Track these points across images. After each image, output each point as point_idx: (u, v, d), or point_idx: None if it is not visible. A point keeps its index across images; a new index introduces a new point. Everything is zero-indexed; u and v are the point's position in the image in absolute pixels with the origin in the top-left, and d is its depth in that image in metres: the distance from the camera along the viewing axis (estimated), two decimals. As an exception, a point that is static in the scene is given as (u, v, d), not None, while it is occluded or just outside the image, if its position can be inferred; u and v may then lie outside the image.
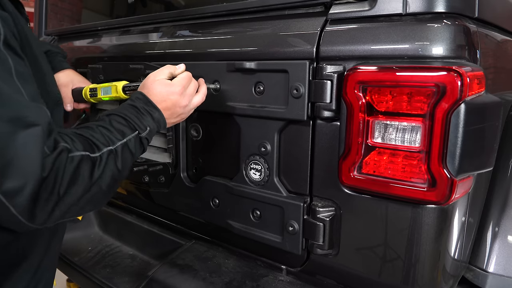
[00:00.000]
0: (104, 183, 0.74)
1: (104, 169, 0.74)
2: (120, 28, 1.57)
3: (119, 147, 0.79)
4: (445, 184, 0.79)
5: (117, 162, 0.78)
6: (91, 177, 0.72)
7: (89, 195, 0.72)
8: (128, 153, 0.81)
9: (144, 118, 0.88)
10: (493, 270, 1.10)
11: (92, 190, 0.72)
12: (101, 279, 1.41)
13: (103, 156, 0.75)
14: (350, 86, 0.87)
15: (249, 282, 1.14)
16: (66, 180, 0.67)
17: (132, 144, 0.83)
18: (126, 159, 0.81)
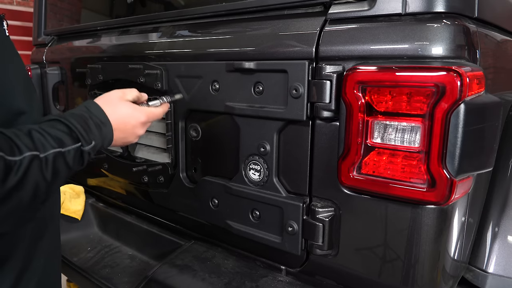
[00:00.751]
0: (25, 194, 0.63)
1: (24, 177, 0.62)
2: (119, 28, 1.57)
3: (51, 156, 0.68)
4: (445, 185, 0.79)
5: (44, 172, 0.66)
6: (3, 184, 0.59)
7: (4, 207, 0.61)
8: (62, 165, 0.70)
9: (92, 131, 0.78)
10: (493, 270, 1.10)
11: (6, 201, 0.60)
12: (101, 279, 1.41)
13: (23, 161, 0.62)
14: (349, 86, 0.87)
15: (249, 282, 1.14)
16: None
17: (71, 156, 0.72)
18: (59, 171, 0.69)
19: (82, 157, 0.76)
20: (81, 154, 0.75)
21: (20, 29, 3.56)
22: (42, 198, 0.68)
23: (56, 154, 0.69)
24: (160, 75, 1.27)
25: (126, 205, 1.69)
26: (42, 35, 2.00)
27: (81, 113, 0.79)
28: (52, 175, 0.68)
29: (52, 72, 1.88)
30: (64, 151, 0.71)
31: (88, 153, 0.77)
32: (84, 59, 1.59)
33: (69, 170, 0.73)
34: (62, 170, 0.70)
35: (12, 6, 3.61)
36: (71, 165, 0.72)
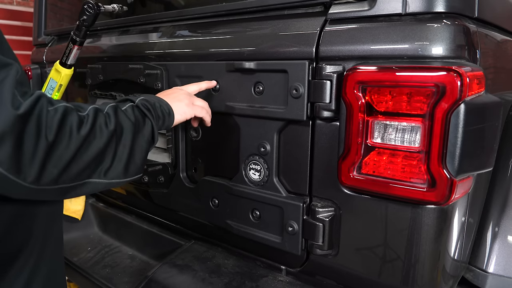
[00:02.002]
0: (100, 142, 0.71)
1: (94, 125, 0.71)
2: (119, 28, 1.57)
3: (110, 110, 0.77)
4: (445, 185, 0.79)
5: (108, 122, 0.74)
6: (80, 131, 0.68)
7: (86, 152, 0.68)
8: (124, 117, 0.78)
9: (142, 96, 0.89)
10: (493, 270, 1.10)
11: (86, 145, 0.68)
12: (101, 279, 1.41)
13: (89, 114, 0.71)
14: (349, 86, 0.87)
15: (249, 282, 1.14)
16: (53, 127, 0.63)
17: (129, 112, 0.80)
18: (121, 122, 0.77)
19: (141, 111, 0.83)
20: (138, 108, 0.83)
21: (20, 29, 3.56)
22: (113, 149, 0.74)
23: (114, 108, 0.78)
24: (160, 75, 1.27)
25: (126, 205, 1.69)
26: (42, 35, 2.00)
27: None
28: (115, 124, 0.75)
29: (52, 72, 1.88)
30: (121, 106, 0.81)
31: (145, 106, 0.84)
32: (84, 59, 1.59)
33: (132, 123, 0.79)
34: (124, 122, 0.78)
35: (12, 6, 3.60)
36: (132, 119, 0.80)
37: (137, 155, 0.80)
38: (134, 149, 0.79)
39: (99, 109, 0.75)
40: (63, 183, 0.67)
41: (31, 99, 0.62)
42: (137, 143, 0.80)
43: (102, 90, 1.54)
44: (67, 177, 0.67)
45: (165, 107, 0.91)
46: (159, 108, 0.89)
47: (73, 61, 1.36)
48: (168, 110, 0.92)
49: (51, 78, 1.37)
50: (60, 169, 0.65)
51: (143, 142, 0.82)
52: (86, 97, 1.63)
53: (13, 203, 0.72)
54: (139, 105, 0.84)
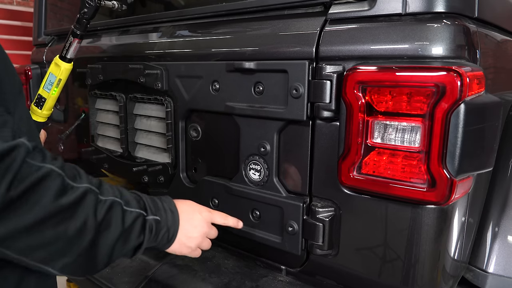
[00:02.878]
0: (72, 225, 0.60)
1: (77, 202, 0.61)
2: (119, 28, 1.57)
3: (109, 202, 0.67)
4: (445, 185, 0.79)
5: (97, 210, 0.64)
6: (55, 201, 0.58)
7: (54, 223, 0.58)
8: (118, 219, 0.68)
9: (159, 209, 0.80)
10: (493, 270, 1.10)
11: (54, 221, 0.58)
12: (101, 279, 1.41)
13: (79, 189, 0.62)
14: (349, 86, 0.87)
15: (249, 282, 1.14)
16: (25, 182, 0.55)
17: (130, 218, 0.71)
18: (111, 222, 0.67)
19: (143, 228, 0.74)
20: (143, 223, 0.74)
21: (20, 29, 3.56)
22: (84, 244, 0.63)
23: (115, 202, 0.68)
24: (160, 75, 1.27)
25: (126, 205, 1.69)
26: (42, 35, 2.00)
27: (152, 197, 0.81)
28: (103, 218, 0.65)
29: (52, 72, 1.88)
30: (126, 208, 0.70)
31: (151, 227, 0.75)
32: (84, 59, 1.59)
33: (122, 230, 0.69)
34: (116, 222, 0.68)
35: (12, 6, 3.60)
36: (127, 225, 0.70)
37: (104, 260, 0.69)
38: (107, 253, 0.69)
39: (95, 191, 0.65)
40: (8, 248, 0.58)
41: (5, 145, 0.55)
42: (113, 249, 0.69)
43: (102, 90, 1.54)
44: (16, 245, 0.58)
45: (170, 235, 0.82)
46: (162, 233, 0.80)
47: (72, 55, 1.35)
48: (170, 238, 0.83)
49: (50, 73, 1.35)
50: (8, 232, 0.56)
51: (119, 251, 0.71)
52: (86, 97, 1.64)
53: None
54: (147, 220, 0.75)
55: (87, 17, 1.30)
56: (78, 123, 1.71)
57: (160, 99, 1.31)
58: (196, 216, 0.91)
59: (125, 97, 1.45)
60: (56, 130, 1.90)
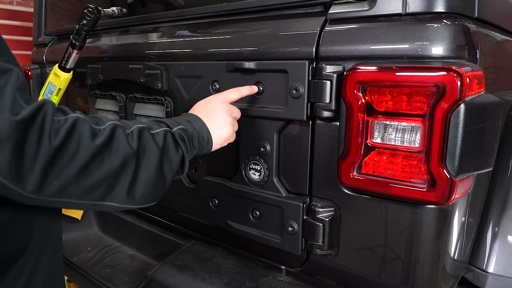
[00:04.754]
0: (115, 160, 0.64)
1: (110, 140, 0.65)
2: (119, 28, 1.57)
3: (135, 129, 0.70)
4: (445, 185, 0.79)
5: (130, 140, 0.68)
6: (93, 140, 0.62)
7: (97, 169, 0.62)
8: (150, 140, 0.71)
9: (179, 121, 0.83)
10: (493, 270, 1.10)
11: (98, 161, 0.62)
12: (101, 279, 1.41)
13: (106, 128, 0.66)
14: (349, 86, 0.87)
15: (249, 282, 1.14)
16: (59, 134, 0.59)
17: (160, 136, 0.74)
18: (146, 144, 0.70)
19: (175, 140, 0.77)
20: (173, 137, 0.77)
21: (20, 29, 3.56)
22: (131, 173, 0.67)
23: (140, 128, 0.71)
24: (160, 75, 1.27)
25: (126, 205, 1.69)
26: (42, 35, 2.00)
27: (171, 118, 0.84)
28: (138, 145, 0.68)
29: (52, 72, 1.88)
30: (152, 130, 0.73)
31: (181, 136, 0.78)
32: (84, 59, 1.59)
33: (159, 149, 0.72)
34: (150, 145, 0.71)
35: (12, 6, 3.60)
36: (161, 144, 0.73)
37: (159, 183, 0.74)
38: (156, 175, 0.72)
39: (120, 125, 0.69)
40: (70, 197, 0.62)
41: (34, 105, 0.59)
42: (161, 170, 0.73)
43: (102, 90, 1.54)
44: (74, 192, 0.62)
45: (204, 136, 0.85)
46: (197, 138, 0.83)
47: (72, 65, 1.36)
48: (207, 139, 0.86)
49: (50, 82, 1.37)
50: (64, 181, 0.60)
51: (168, 171, 0.75)
52: (86, 97, 1.64)
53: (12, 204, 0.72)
54: (175, 133, 0.78)
55: (86, 29, 1.30)
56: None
57: (160, 99, 1.31)
58: (213, 106, 0.93)
59: (125, 97, 1.45)
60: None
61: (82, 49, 1.36)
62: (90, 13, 1.27)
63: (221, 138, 0.90)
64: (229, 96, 0.97)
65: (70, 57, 1.33)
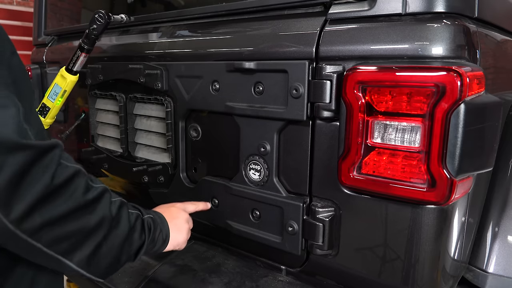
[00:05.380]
0: (93, 218, 0.68)
1: (98, 199, 0.69)
2: (119, 28, 1.57)
3: (118, 201, 0.76)
4: (445, 185, 0.79)
5: (112, 206, 0.72)
6: (85, 195, 0.67)
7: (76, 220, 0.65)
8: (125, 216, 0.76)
9: (150, 212, 0.90)
10: (493, 270, 1.10)
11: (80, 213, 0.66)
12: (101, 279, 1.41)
13: (99, 189, 0.70)
14: (349, 86, 0.87)
15: (249, 282, 1.14)
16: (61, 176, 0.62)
17: (133, 217, 0.79)
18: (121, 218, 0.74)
19: (142, 226, 0.82)
20: (141, 222, 0.82)
21: (20, 29, 3.56)
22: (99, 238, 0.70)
23: (123, 202, 0.77)
24: (160, 75, 1.27)
25: (126, 205, 1.69)
26: (42, 35, 2.00)
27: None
28: (116, 215, 0.73)
29: (52, 72, 1.88)
30: (128, 210, 0.79)
31: (148, 225, 0.83)
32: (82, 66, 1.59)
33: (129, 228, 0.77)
34: (124, 219, 0.75)
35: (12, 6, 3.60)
36: (132, 224, 0.78)
37: (114, 261, 0.75)
38: (117, 251, 0.74)
39: (109, 191, 0.74)
40: (40, 241, 0.63)
41: (51, 141, 0.63)
42: (122, 249, 0.75)
43: (102, 90, 1.54)
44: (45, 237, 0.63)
45: (164, 234, 0.90)
46: (158, 234, 0.88)
47: (79, 68, 1.38)
48: (165, 238, 0.91)
49: (56, 84, 1.38)
50: (44, 221, 0.61)
51: (126, 252, 0.77)
52: (86, 97, 1.64)
53: None
54: (144, 220, 0.83)
55: (96, 33, 1.31)
56: (78, 123, 1.71)
57: (160, 99, 1.31)
58: (176, 211, 1.01)
59: (125, 97, 1.45)
60: (56, 130, 1.90)
61: (90, 53, 1.37)
62: (101, 18, 1.28)
63: (176, 241, 0.96)
64: (187, 207, 1.07)
65: (78, 60, 1.35)
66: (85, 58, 1.37)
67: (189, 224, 1.02)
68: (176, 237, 0.95)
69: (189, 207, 1.07)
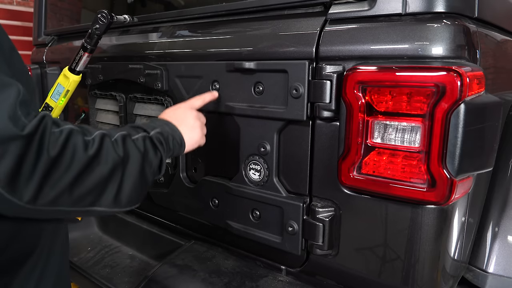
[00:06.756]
0: (105, 167, 0.68)
1: (99, 150, 0.68)
2: (119, 28, 1.57)
3: (119, 137, 0.75)
4: (445, 185, 0.79)
5: (116, 148, 0.72)
6: (84, 153, 0.66)
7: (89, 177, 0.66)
8: (132, 146, 0.75)
9: (155, 123, 0.88)
10: (493, 270, 1.10)
11: (90, 170, 0.66)
12: (101, 279, 1.41)
13: (95, 138, 0.70)
14: (349, 86, 0.87)
15: (249, 282, 1.14)
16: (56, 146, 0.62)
17: (140, 142, 0.78)
18: (129, 151, 0.74)
19: (153, 143, 0.81)
20: (151, 141, 0.81)
21: (20, 29, 3.56)
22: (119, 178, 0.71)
23: (123, 136, 0.76)
24: (160, 75, 1.27)
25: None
26: (42, 35, 2.00)
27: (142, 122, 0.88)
28: (123, 152, 0.73)
29: (52, 72, 1.88)
30: (132, 136, 0.78)
31: (158, 140, 0.83)
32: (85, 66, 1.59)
33: (141, 154, 0.77)
34: (133, 151, 0.75)
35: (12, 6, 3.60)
36: (142, 149, 0.78)
37: (142, 185, 0.78)
38: (139, 179, 0.76)
39: (106, 134, 0.73)
40: (62, 205, 0.65)
41: (36, 120, 0.61)
42: (143, 173, 0.77)
43: (102, 90, 1.54)
44: (67, 200, 0.65)
45: (178, 139, 0.90)
46: (172, 141, 0.88)
47: (82, 68, 1.39)
48: (180, 141, 0.91)
49: (59, 83, 1.39)
50: (58, 191, 0.63)
51: (149, 173, 0.79)
52: (86, 97, 1.64)
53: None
54: (152, 137, 0.83)
55: (99, 33, 1.32)
56: (78, 123, 1.71)
57: (160, 99, 1.31)
58: (182, 112, 1.00)
59: (125, 97, 1.45)
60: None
61: (93, 53, 1.37)
62: (104, 18, 1.29)
63: (192, 140, 0.96)
64: (194, 103, 1.05)
65: (81, 60, 1.36)
66: (88, 58, 1.37)
67: (200, 120, 1.01)
68: (192, 137, 0.96)
69: (195, 103, 1.05)
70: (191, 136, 0.96)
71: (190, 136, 0.95)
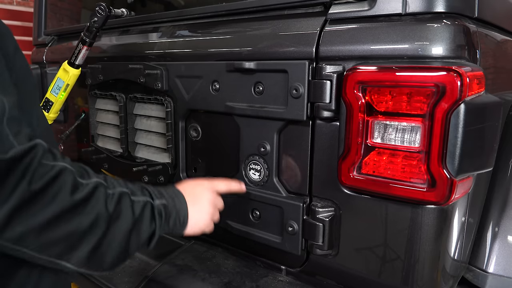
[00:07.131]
0: (85, 219, 0.62)
1: (89, 196, 0.63)
2: (119, 28, 1.57)
3: (117, 192, 0.69)
4: (445, 185, 0.79)
5: (108, 203, 0.66)
6: (72, 194, 0.61)
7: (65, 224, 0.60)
8: (128, 208, 0.69)
9: (163, 195, 0.81)
10: (493, 270, 1.10)
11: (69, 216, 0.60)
12: (101, 279, 1.41)
13: (90, 184, 0.64)
14: (349, 86, 0.87)
15: (249, 282, 1.14)
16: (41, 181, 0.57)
17: (139, 207, 0.72)
18: (122, 212, 0.68)
19: (153, 215, 0.75)
20: (151, 209, 0.75)
21: (20, 29, 3.56)
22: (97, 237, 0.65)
23: (122, 193, 0.70)
24: (160, 75, 1.27)
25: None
26: (42, 35, 2.00)
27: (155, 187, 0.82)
28: (114, 209, 0.67)
29: (52, 72, 1.88)
30: (133, 199, 0.72)
31: (160, 214, 0.76)
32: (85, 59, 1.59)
33: (134, 220, 0.71)
34: (125, 212, 0.69)
35: (12, 6, 3.60)
36: (137, 214, 0.72)
37: (122, 253, 0.70)
38: (121, 244, 0.69)
39: (103, 184, 0.68)
40: (27, 247, 0.59)
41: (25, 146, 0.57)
42: (127, 240, 0.70)
43: (102, 90, 1.54)
44: (33, 243, 0.59)
45: (181, 217, 0.83)
46: (174, 218, 0.81)
47: (81, 62, 1.40)
48: (183, 221, 0.84)
49: (59, 78, 1.40)
50: (26, 228, 0.58)
51: (134, 242, 0.72)
52: (86, 97, 1.63)
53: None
54: (154, 206, 0.76)
55: (97, 26, 1.32)
56: (78, 123, 1.71)
57: (160, 99, 1.31)
58: (200, 191, 0.92)
59: (125, 97, 1.45)
60: (56, 130, 1.90)
61: (92, 46, 1.37)
62: (102, 11, 1.30)
63: (198, 224, 0.88)
64: (217, 186, 0.98)
65: (80, 53, 1.37)
66: (86, 51, 1.38)
67: (213, 206, 0.93)
68: (198, 220, 0.88)
69: (219, 187, 0.97)
70: (198, 219, 0.88)
71: (197, 218, 0.88)
